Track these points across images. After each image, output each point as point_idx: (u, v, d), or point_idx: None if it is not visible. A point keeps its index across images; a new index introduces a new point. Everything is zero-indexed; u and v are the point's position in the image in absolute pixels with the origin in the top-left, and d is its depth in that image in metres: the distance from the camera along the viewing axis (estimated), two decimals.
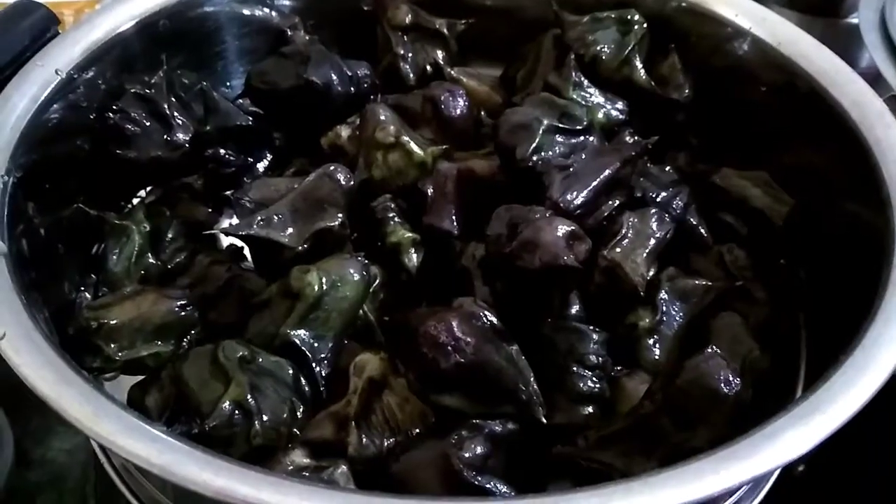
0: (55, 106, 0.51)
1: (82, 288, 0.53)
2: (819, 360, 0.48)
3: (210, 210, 0.57)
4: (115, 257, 0.52)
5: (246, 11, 0.63)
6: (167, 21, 0.59)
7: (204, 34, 0.62)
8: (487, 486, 0.40)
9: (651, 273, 0.50)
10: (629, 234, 0.50)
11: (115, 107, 0.55)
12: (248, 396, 0.41)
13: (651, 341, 0.49)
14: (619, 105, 0.59)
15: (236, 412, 0.41)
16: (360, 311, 0.48)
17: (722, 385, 0.39)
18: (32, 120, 0.49)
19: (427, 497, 0.37)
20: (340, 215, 0.50)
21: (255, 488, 0.30)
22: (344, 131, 0.59)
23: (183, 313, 0.48)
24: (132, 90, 0.56)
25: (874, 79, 0.62)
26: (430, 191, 0.53)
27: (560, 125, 0.53)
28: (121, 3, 0.57)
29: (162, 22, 0.58)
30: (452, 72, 0.64)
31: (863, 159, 0.48)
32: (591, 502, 0.30)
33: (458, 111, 0.58)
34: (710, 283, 0.51)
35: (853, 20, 0.84)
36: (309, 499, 0.30)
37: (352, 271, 0.48)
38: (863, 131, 0.49)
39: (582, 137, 0.53)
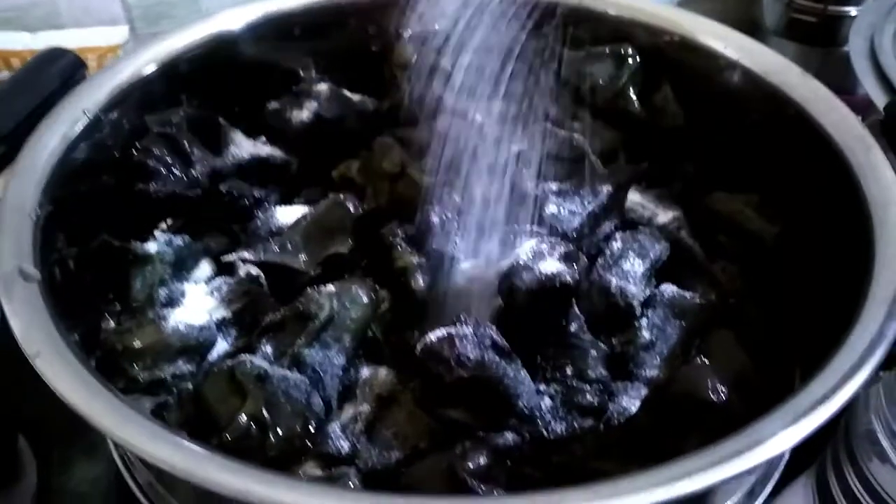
0: (83, 144, 0.54)
1: (106, 315, 0.56)
2: (811, 372, 0.49)
3: (228, 239, 0.60)
4: (138, 285, 0.55)
5: (261, 54, 0.67)
6: (187, 64, 0.62)
7: (221, 76, 0.66)
8: (492, 493, 0.42)
9: (647, 292, 0.53)
10: (624, 255, 0.53)
11: (138, 145, 0.58)
12: (264, 410, 0.43)
13: (648, 357, 0.51)
14: (615, 134, 0.62)
15: (252, 425, 0.43)
16: (369, 331, 0.51)
17: (711, 394, 0.41)
18: (62, 158, 0.52)
19: (427, 496, 0.39)
20: (350, 241, 0.53)
21: (272, 488, 0.33)
22: (354, 164, 0.62)
23: (202, 336, 0.51)
24: (154, 129, 0.59)
25: (869, 105, 0.64)
26: (434, 217, 0.56)
27: (557, 153, 0.56)
28: (143, 48, 0.61)
29: (182, 65, 0.62)
30: (456, 104, 0.67)
31: (846, 179, 0.51)
32: (580, 497, 0.32)
33: (462, 143, 0.61)
34: (704, 301, 0.53)
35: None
36: (322, 497, 0.33)
37: (361, 293, 0.51)
38: (846, 153, 0.51)
39: (578, 164, 0.56)
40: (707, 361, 0.43)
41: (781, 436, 0.35)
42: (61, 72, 0.58)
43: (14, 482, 0.60)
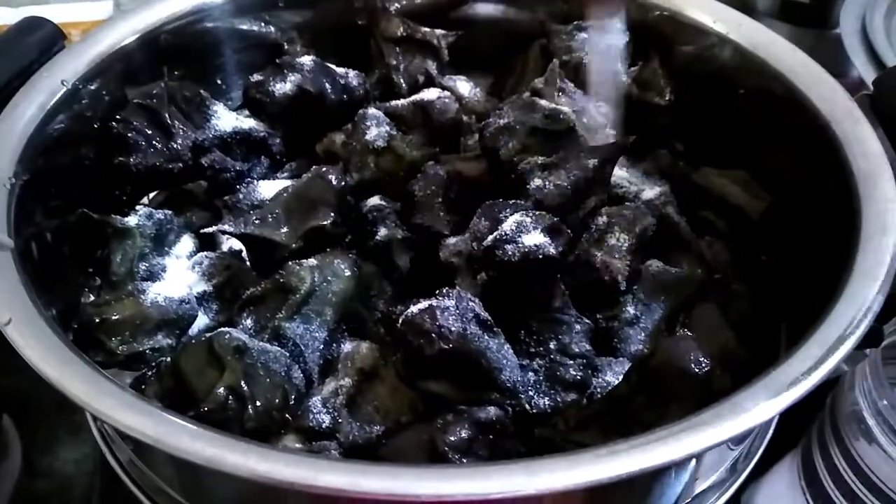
0: (61, 115, 0.53)
1: (86, 289, 0.55)
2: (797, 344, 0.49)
3: (211, 214, 0.59)
4: (118, 259, 0.54)
5: (244, 26, 0.66)
6: (168, 36, 0.61)
7: (204, 48, 0.64)
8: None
9: (632, 267, 0.52)
10: (610, 230, 0.52)
11: (118, 116, 0.57)
12: (242, 382, 0.43)
13: (632, 332, 0.51)
14: (603, 109, 0.61)
15: (230, 397, 0.42)
16: (352, 305, 0.50)
17: (692, 365, 0.41)
18: (39, 127, 0.51)
19: (401, 465, 0.39)
20: (332, 214, 0.52)
21: (244, 456, 0.32)
22: (338, 138, 0.61)
23: (182, 310, 0.50)
24: (135, 101, 0.58)
25: (860, 85, 0.64)
26: (419, 192, 0.55)
27: (543, 127, 0.55)
28: (124, 18, 0.60)
29: (163, 37, 0.61)
30: (444, 79, 0.67)
31: (833, 153, 0.50)
32: (559, 466, 0.32)
33: (447, 117, 0.61)
34: (690, 276, 0.53)
35: None
36: (296, 465, 0.32)
37: (343, 267, 0.50)
38: (833, 127, 0.51)
39: (564, 139, 0.55)
40: (688, 333, 0.43)
41: (764, 405, 0.34)
42: (40, 42, 0.57)
43: None
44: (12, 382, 0.60)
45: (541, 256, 0.46)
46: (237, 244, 0.56)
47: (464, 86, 0.68)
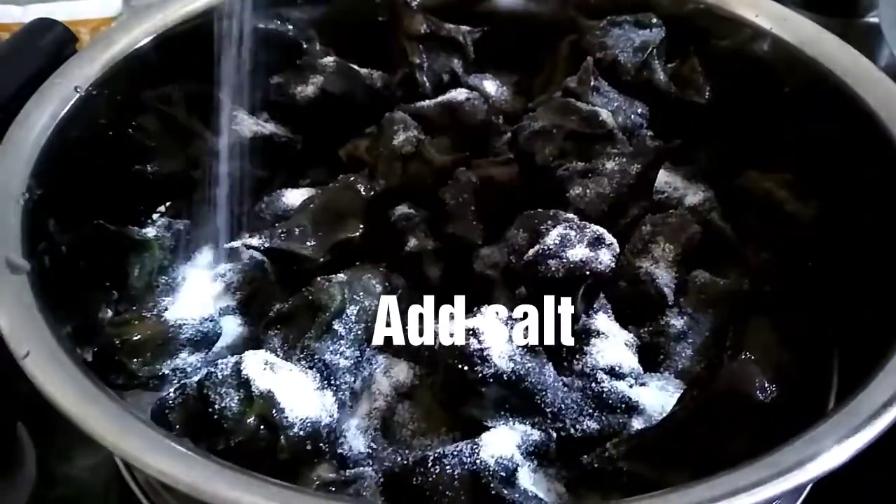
0: (74, 123, 0.51)
1: (104, 304, 0.53)
2: (852, 364, 0.47)
3: (232, 223, 0.57)
4: (136, 272, 0.52)
5: (262, 25, 0.63)
6: (184, 36, 0.59)
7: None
8: (517, 498, 0.39)
9: (678, 278, 0.49)
10: (655, 240, 0.49)
11: (133, 122, 0.55)
12: (273, 411, 0.40)
13: (680, 348, 0.48)
14: (640, 109, 0.59)
15: (261, 427, 0.40)
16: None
17: (757, 392, 0.38)
18: (52, 137, 0.49)
19: None
20: (361, 226, 0.50)
21: None
22: (362, 142, 0.59)
23: (205, 328, 0.48)
24: (151, 105, 0.56)
25: (894, 77, 0.61)
26: (450, 200, 0.53)
27: (581, 130, 0.52)
28: (138, 19, 0.58)
29: (179, 37, 0.58)
30: (470, 78, 0.64)
31: (891, 158, 0.47)
32: None
33: (477, 119, 0.58)
34: (738, 288, 0.50)
35: (871, 19, 0.83)
36: None
37: (374, 282, 0.48)
38: (891, 130, 0.48)
39: (603, 143, 0.52)
40: (752, 356, 0.40)
41: (847, 442, 0.32)
42: (50, 45, 0.55)
43: (13, 471, 0.57)
44: (26, 391, 0.58)
45: (587, 273, 0.43)
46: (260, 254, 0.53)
47: (490, 85, 0.65)
